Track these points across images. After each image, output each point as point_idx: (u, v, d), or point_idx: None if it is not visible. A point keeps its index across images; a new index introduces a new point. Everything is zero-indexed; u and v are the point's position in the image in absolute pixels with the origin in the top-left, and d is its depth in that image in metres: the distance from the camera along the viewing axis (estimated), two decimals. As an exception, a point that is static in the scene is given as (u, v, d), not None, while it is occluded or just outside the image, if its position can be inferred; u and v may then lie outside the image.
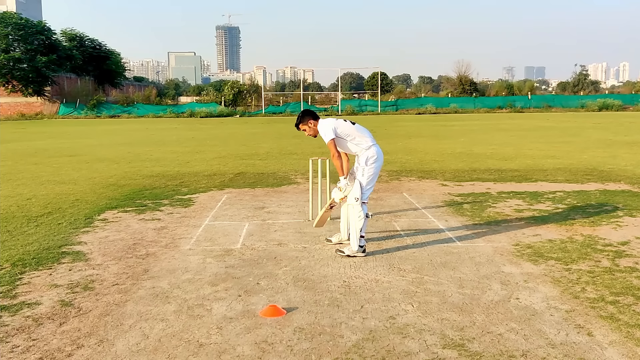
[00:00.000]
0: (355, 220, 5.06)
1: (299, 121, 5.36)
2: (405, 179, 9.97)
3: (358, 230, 5.05)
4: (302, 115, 5.38)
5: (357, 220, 5.05)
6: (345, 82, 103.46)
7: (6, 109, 47.95)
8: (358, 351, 3.24)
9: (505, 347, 3.27)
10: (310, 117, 5.33)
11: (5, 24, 47.39)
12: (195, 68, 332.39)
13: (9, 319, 3.76)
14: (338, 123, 5.22)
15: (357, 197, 5.06)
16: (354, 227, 5.07)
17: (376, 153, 5.19)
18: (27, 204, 7.85)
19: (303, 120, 5.34)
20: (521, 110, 45.51)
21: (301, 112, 5.45)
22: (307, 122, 5.31)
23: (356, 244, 5.07)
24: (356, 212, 5.07)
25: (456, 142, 17.62)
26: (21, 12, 66.87)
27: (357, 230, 5.05)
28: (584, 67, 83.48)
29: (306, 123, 5.31)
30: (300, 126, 5.37)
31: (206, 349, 3.29)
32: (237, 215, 7.05)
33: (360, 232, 5.06)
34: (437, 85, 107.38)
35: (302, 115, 5.38)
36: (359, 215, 5.06)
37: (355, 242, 5.07)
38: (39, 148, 17.49)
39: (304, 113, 5.41)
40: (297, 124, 5.38)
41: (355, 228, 5.05)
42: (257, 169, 11.62)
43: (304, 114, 5.39)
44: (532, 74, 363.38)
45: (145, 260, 5.10)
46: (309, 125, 5.30)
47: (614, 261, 4.93)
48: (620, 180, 9.48)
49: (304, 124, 5.33)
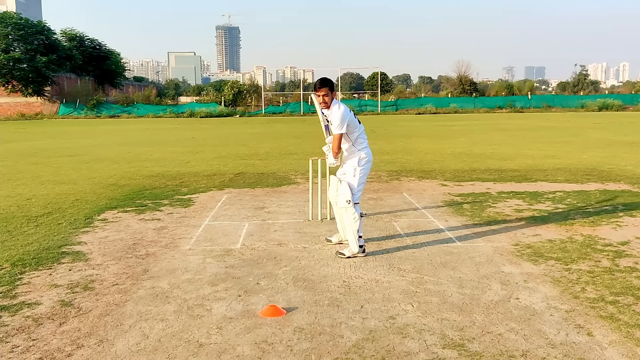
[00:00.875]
0: (350, 222, 5.01)
1: (326, 84, 5.09)
2: (405, 179, 9.97)
3: (355, 231, 5.02)
4: (329, 82, 5.13)
5: (352, 223, 5.01)
6: (345, 82, 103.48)
7: (6, 109, 47.96)
8: (358, 351, 3.24)
9: (505, 347, 3.27)
10: (331, 88, 5.12)
11: (5, 24, 47.40)
12: (195, 68, 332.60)
13: (9, 319, 3.76)
14: (351, 116, 5.10)
15: (348, 200, 5.00)
16: (350, 229, 5.02)
17: (368, 154, 5.19)
18: (27, 204, 7.85)
19: (330, 85, 5.10)
20: (521, 110, 45.52)
21: (326, 79, 5.18)
22: (328, 91, 5.08)
23: (356, 245, 5.04)
24: (350, 214, 5.01)
25: (456, 142, 17.62)
26: (21, 12, 66.84)
27: (355, 232, 5.02)
28: (584, 67, 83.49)
29: (328, 90, 5.08)
30: (322, 90, 5.08)
31: (206, 349, 3.29)
32: (237, 215, 7.05)
33: (357, 233, 5.04)
34: (437, 85, 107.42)
35: (328, 81, 5.13)
36: (354, 217, 5.02)
37: (354, 244, 5.04)
38: (39, 148, 17.49)
39: (330, 82, 5.16)
40: (324, 85, 5.08)
41: (352, 230, 5.02)
42: (257, 169, 11.62)
43: (331, 83, 5.15)
44: (532, 74, 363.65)
45: (145, 260, 5.10)
46: (327, 94, 5.08)
47: (613, 261, 4.93)
48: (620, 180, 9.48)
49: (326, 89, 5.07)
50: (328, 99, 5.11)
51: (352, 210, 5.02)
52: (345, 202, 5.01)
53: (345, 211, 5.05)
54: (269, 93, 59.37)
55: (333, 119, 5.06)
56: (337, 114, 5.01)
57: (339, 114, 5.00)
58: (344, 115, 5.00)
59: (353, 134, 5.15)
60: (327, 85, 5.11)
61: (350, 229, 5.02)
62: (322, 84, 5.12)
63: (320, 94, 5.10)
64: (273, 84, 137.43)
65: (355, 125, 5.14)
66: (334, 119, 5.04)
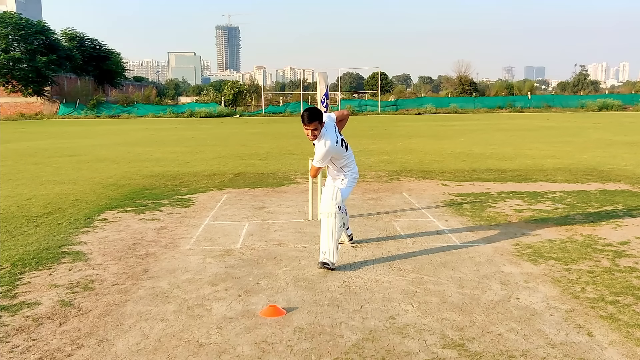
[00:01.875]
0: (336, 230, 4.79)
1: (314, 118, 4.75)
2: (405, 178, 9.97)
3: (337, 240, 4.85)
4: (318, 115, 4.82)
5: (338, 231, 4.86)
6: (345, 82, 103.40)
7: (6, 109, 47.97)
8: (358, 351, 3.24)
9: (505, 347, 3.27)
10: (320, 120, 4.81)
11: (5, 24, 47.41)
12: (195, 68, 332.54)
13: (9, 319, 3.76)
14: (336, 149, 4.88)
15: (339, 206, 4.86)
16: (334, 237, 4.77)
17: (355, 173, 5.15)
18: (27, 204, 7.85)
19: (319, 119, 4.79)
20: (521, 110, 45.51)
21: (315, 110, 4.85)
22: (317, 124, 4.79)
23: (336, 255, 4.78)
24: (338, 221, 4.82)
25: (456, 142, 17.61)
26: (21, 12, 66.88)
27: (337, 241, 4.83)
28: (584, 67, 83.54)
29: (317, 124, 4.79)
30: (311, 125, 4.76)
31: (206, 349, 3.29)
32: (237, 215, 7.05)
33: (338, 241, 4.90)
34: (437, 85, 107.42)
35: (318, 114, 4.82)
36: (341, 225, 4.92)
37: (335, 253, 4.77)
38: (39, 148, 17.49)
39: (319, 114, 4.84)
40: (313, 119, 4.74)
41: (335, 239, 4.79)
42: (257, 169, 11.62)
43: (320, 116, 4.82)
44: (532, 74, 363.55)
45: (145, 260, 5.10)
46: (317, 128, 4.80)
47: (613, 261, 4.93)
48: (620, 180, 9.48)
49: (316, 123, 4.77)
50: (317, 132, 4.83)
51: (340, 218, 4.86)
52: (336, 207, 4.81)
53: (332, 218, 4.79)
54: (269, 93, 59.38)
55: (316, 152, 4.90)
56: (322, 150, 4.83)
57: (323, 150, 4.82)
58: (327, 152, 4.83)
59: (339, 162, 5.04)
60: (316, 119, 4.76)
61: (333, 238, 4.77)
62: (311, 118, 4.75)
63: (309, 129, 4.79)
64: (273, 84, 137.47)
65: (341, 155, 4.99)
66: (317, 153, 4.88)
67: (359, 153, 14.20)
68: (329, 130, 4.90)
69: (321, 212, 4.87)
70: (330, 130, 4.91)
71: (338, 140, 4.93)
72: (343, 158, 5.05)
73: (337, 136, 4.93)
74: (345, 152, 5.05)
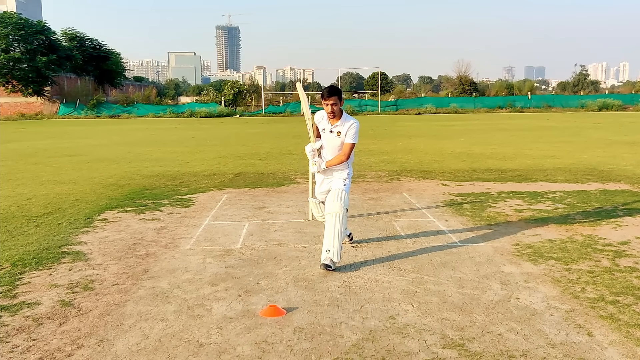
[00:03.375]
0: (342, 231, 4.81)
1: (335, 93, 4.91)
2: (405, 178, 9.97)
3: (341, 240, 4.85)
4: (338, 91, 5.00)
5: (344, 231, 4.89)
6: (345, 82, 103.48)
7: (6, 109, 47.96)
8: (358, 351, 3.24)
9: (505, 347, 3.27)
10: (339, 97, 4.96)
11: (5, 24, 47.38)
12: (195, 68, 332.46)
13: (9, 319, 3.76)
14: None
15: (347, 208, 4.91)
16: (339, 237, 4.78)
17: (351, 171, 5.25)
18: (27, 204, 7.85)
19: (339, 95, 4.94)
20: (521, 110, 45.52)
21: (336, 87, 5.05)
22: (337, 100, 4.92)
23: (339, 254, 4.78)
24: (344, 222, 4.85)
25: (456, 142, 17.61)
26: (21, 12, 66.90)
27: (342, 240, 4.85)
28: (584, 67, 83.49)
29: (337, 99, 4.91)
30: (331, 98, 4.88)
31: (206, 349, 3.29)
32: (237, 215, 7.05)
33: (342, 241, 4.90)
34: (437, 85, 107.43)
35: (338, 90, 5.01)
36: (345, 226, 4.96)
37: (339, 253, 4.77)
38: (39, 148, 17.49)
39: (339, 91, 5.03)
40: (333, 93, 4.89)
41: (340, 239, 4.80)
42: (257, 169, 11.62)
43: (340, 92, 5.00)
44: (532, 73, 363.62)
45: (145, 260, 5.10)
46: (336, 103, 4.92)
47: (614, 261, 4.93)
48: (620, 180, 9.48)
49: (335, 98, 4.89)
50: (336, 109, 4.95)
51: (346, 218, 4.91)
52: (343, 208, 4.84)
53: (338, 217, 4.79)
54: (269, 93, 59.36)
55: (350, 130, 4.99)
56: (355, 126, 5.01)
57: (356, 126, 5.02)
58: (358, 128, 5.04)
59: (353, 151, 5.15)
60: (336, 94, 4.93)
61: (338, 237, 4.77)
62: (331, 92, 4.92)
63: (328, 103, 4.90)
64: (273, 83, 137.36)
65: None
66: (351, 129, 4.99)
67: (359, 153, 14.20)
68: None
69: (327, 212, 4.89)
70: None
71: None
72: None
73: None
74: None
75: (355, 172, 9.07)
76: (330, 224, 4.83)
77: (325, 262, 4.73)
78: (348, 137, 5.02)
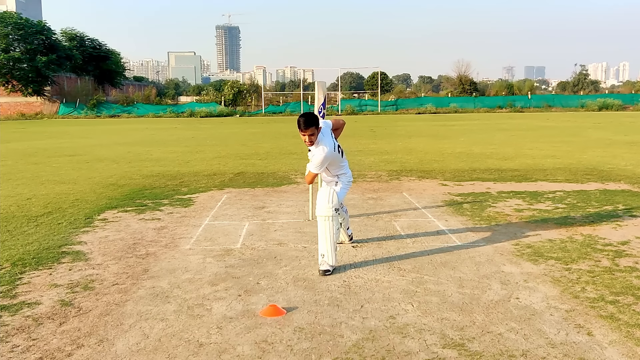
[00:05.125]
0: (333, 233, 4.74)
1: (310, 124, 4.69)
2: (405, 178, 9.97)
3: (336, 242, 4.82)
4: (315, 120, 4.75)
5: (336, 233, 4.83)
6: (345, 82, 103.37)
7: (6, 108, 47.95)
8: (358, 351, 3.24)
9: (505, 347, 3.27)
10: (316, 125, 4.74)
11: (5, 24, 47.36)
12: (195, 68, 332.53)
13: (9, 318, 3.76)
14: (334, 155, 4.84)
15: (337, 208, 4.81)
16: (332, 240, 4.71)
17: (349, 177, 5.13)
18: (27, 204, 7.85)
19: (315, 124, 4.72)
20: (521, 110, 45.49)
21: (311, 116, 4.78)
22: (314, 130, 4.73)
23: (334, 257, 4.73)
24: (334, 224, 4.77)
25: (456, 142, 17.61)
26: (21, 11, 66.81)
27: (335, 243, 4.78)
28: (584, 67, 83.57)
29: (314, 129, 4.72)
30: (308, 130, 4.70)
31: (206, 349, 3.29)
32: (237, 215, 7.05)
33: (336, 243, 4.87)
34: (437, 85, 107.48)
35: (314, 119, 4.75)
36: (338, 227, 4.90)
37: (334, 256, 4.72)
38: (39, 148, 17.49)
39: (315, 119, 4.77)
40: (309, 125, 4.69)
41: (333, 241, 4.74)
42: (257, 168, 11.62)
43: (316, 121, 4.75)
44: (532, 73, 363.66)
45: (145, 260, 5.10)
46: (314, 134, 4.74)
47: (613, 261, 4.93)
48: (620, 180, 9.48)
49: (312, 129, 4.71)
50: (314, 138, 4.76)
51: (337, 220, 4.82)
52: (332, 209, 4.73)
53: (328, 221, 4.72)
54: (269, 93, 59.36)
55: (314, 159, 4.82)
56: (319, 156, 4.76)
57: (321, 156, 4.76)
58: (325, 158, 4.77)
59: (334, 169, 5.01)
60: (312, 124, 4.70)
61: (331, 240, 4.71)
62: (307, 124, 4.68)
63: (306, 134, 4.72)
64: (273, 83, 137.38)
65: (337, 162, 4.97)
66: (315, 159, 4.80)
67: (359, 153, 14.21)
68: (326, 136, 4.86)
69: (318, 215, 4.80)
70: (327, 136, 4.88)
71: (335, 146, 4.90)
72: (338, 165, 5.02)
73: (334, 142, 4.91)
74: (341, 158, 5.03)
75: (355, 172, 9.08)
76: (321, 227, 4.75)
77: (323, 267, 4.68)
78: (311, 165, 4.89)
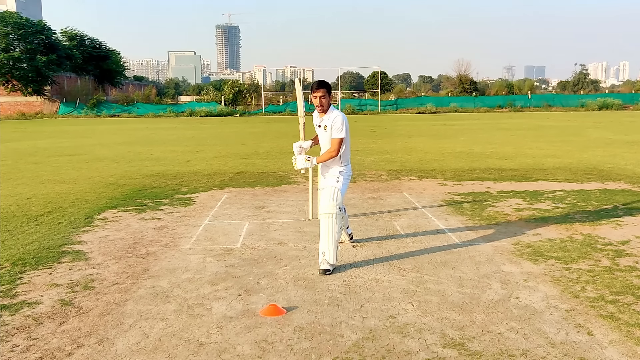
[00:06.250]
0: (336, 231, 4.73)
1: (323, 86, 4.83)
2: (405, 178, 9.97)
3: (338, 240, 4.80)
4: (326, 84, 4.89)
5: (338, 232, 4.81)
6: (345, 82, 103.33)
7: (6, 108, 47.96)
8: (358, 350, 3.24)
9: (505, 346, 3.27)
10: (328, 90, 4.88)
11: (5, 23, 47.40)
12: (195, 67, 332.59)
13: (9, 318, 3.76)
14: (347, 124, 4.95)
15: (340, 207, 4.79)
16: (334, 238, 4.71)
17: (349, 170, 5.10)
18: (27, 204, 7.85)
19: (327, 87, 4.85)
20: (521, 110, 45.50)
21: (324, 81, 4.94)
22: (326, 93, 4.84)
23: (335, 256, 4.72)
24: (338, 222, 4.76)
25: (456, 142, 17.61)
26: (21, 11, 66.80)
27: (337, 241, 4.77)
28: (584, 67, 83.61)
29: (325, 92, 4.84)
30: (319, 90, 4.82)
31: (206, 348, 3.29)
32: (237, 214, 7.05)
33: (338, 242, 4.85)
34: (437, 85, 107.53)
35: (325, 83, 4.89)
36: (340, 226, 4.88)
37: (335, 254, 4.71)
38: (39, 147, 17.49)
39: (328, 84, 4.91)
40: (321, 86, 4.83)
41: (335, 240, 4.73)
42: (257, 168, 11.62)
43: (329, 86, 4.90)
44: (532, 73, 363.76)
45: (145, 260, 5.10)
46: (325, 96, 4.84)
47: (614, 260, 4.93)
48: (620, 180, 9.48)
49: (324, 91, 4.82)
50: (325, 102, 4.85)
51: (340, 218, 4.81)
52: (336, 207, 4.73)
53: (332, 219, 4.71)
54: (269, 92, 59.38)
55: (335, 123, 4.87)
56: (339, 120, 4.85)
57: (340, 119, 4.85)
58: (343, 121, 4.86)
59: (346, 153, 5.01)
60: (324, 86, 4.85)
61: (333, 239, 4.70)
62: (320, 85, 4.86)
63: (317, 95, 4.83)
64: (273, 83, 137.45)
65: (349, 142, 5.01)
66: (336, 123, 4.86)
67: (359, 152, 14.20)
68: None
69: (321, 213, 4.80)
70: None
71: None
72: (348, 148, 5.03)
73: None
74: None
75: (355, 171, 9.09)
76: (324, 225, 4.75)
77: (323, 266, 4.68)
78: (334, 132, 4.89)
